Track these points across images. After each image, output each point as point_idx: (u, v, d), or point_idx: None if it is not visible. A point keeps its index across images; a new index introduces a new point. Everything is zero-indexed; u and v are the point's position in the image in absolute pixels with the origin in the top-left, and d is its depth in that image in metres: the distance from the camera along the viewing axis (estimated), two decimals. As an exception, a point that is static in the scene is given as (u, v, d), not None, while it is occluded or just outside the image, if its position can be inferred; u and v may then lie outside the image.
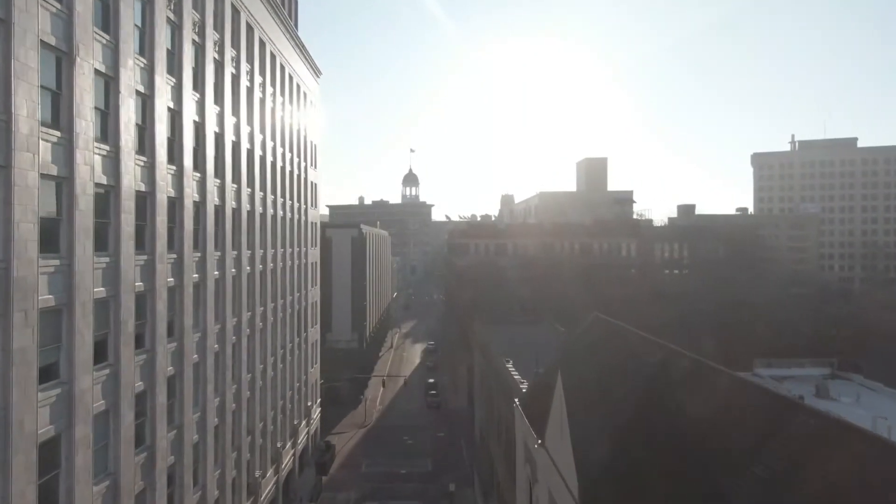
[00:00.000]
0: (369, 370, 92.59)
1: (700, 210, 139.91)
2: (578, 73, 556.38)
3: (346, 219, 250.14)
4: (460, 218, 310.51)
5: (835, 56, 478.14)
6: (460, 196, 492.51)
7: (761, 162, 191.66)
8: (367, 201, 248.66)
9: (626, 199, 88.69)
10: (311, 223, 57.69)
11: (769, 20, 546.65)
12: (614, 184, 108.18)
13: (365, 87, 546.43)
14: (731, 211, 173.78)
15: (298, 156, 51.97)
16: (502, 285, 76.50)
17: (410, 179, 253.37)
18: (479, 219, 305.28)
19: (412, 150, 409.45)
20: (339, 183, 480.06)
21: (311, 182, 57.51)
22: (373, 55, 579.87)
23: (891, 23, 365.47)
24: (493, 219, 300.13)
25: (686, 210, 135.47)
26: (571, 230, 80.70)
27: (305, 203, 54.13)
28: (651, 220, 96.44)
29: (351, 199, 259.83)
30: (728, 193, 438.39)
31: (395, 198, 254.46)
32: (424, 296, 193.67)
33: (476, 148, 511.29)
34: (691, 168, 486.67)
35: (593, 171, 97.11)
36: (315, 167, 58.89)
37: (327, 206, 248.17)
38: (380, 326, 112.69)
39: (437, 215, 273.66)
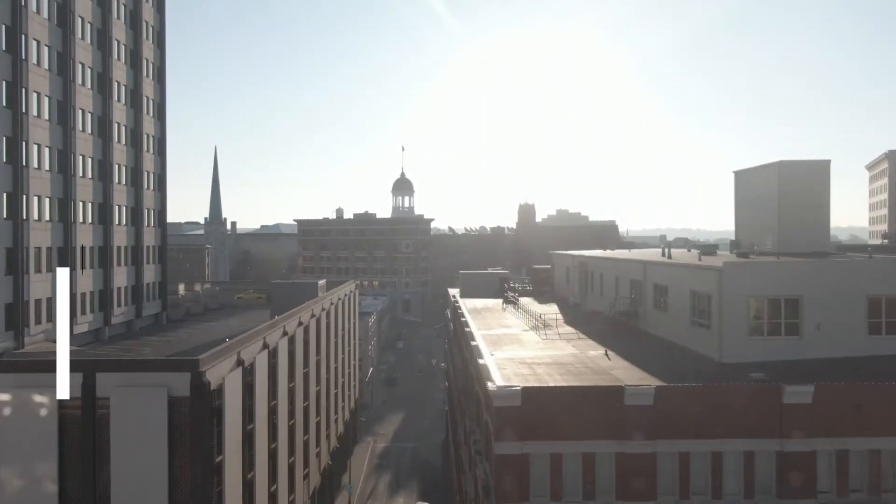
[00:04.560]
0: None
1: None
2: (589, 74, 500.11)
3: (318, 237, 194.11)
4: (467, 231, 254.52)
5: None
6: (464, 208, 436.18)
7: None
8: (348, 214, 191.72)
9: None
10: None
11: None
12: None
13: (357, 91, 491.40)
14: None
15: None
16: None
17: (403, 186, 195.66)
18: (489, 231, 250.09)
19: (403, 149, 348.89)
20: (316, 195, 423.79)
21: None
22: (368, 55, 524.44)
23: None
24: (506, 231, 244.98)
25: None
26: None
27: None
28: None
29: (327, 213, 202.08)
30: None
31: (384, 211, 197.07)
32: (418, 357, 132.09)
33: (480, 154, 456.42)
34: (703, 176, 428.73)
35: (794, 186, 39.63)
36: None
37: (295, 220, 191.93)
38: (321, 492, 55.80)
39: (439, 227, 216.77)
